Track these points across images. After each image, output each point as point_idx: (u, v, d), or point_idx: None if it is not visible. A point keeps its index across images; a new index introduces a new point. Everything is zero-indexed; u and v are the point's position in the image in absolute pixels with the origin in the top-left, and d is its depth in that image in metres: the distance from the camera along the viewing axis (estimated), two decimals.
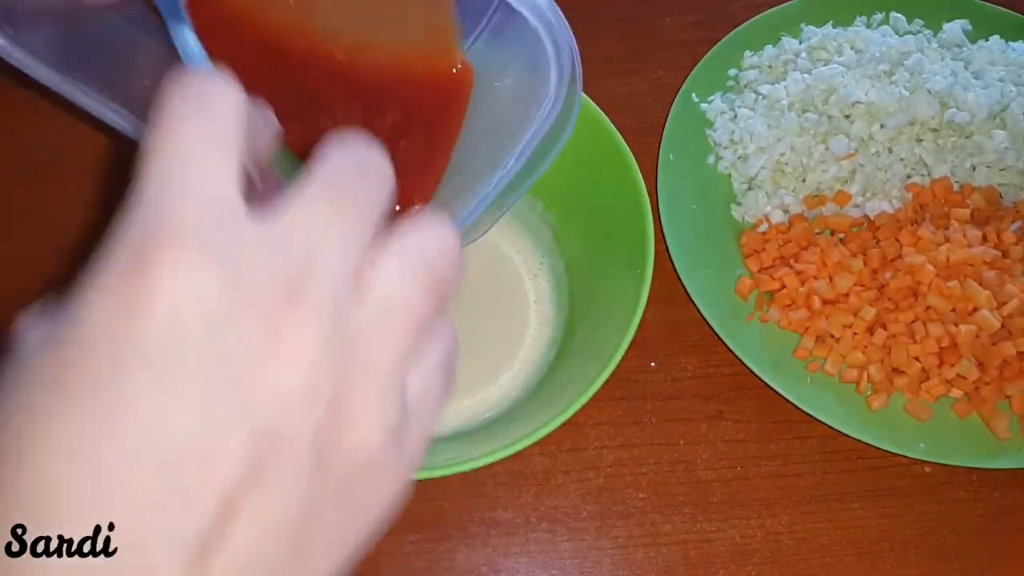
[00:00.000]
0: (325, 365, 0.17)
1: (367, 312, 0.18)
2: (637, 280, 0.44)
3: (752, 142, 0.56)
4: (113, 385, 0.16)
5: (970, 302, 0.49)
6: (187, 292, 0.16)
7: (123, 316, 0.16)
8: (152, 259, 0.16)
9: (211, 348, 0.16)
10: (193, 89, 0.19)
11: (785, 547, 0.47)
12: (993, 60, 0.59)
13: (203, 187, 0.17)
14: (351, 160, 0.20)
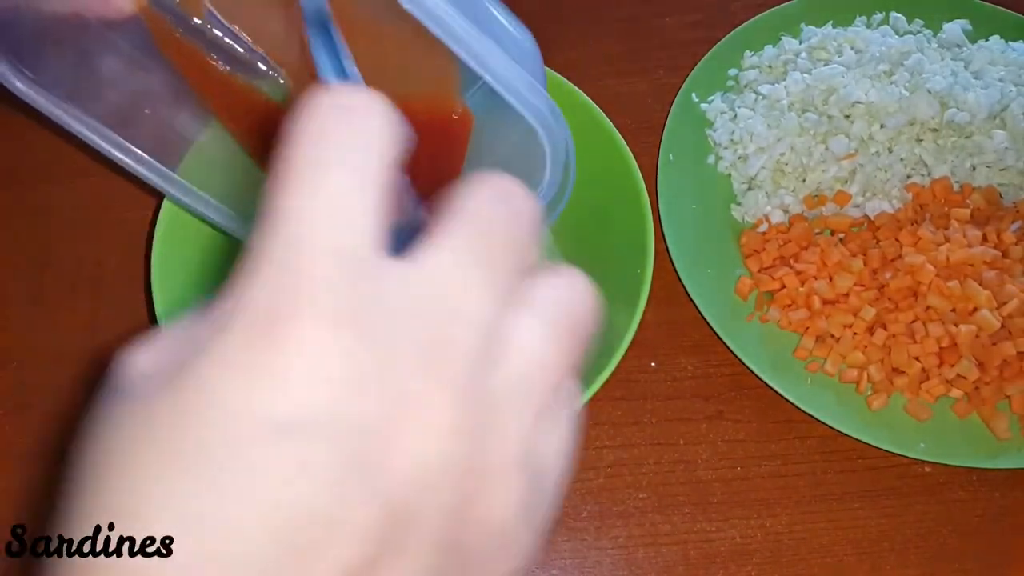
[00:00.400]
0: (461, 437, 0.16)
1: (506, 377, 0.17)
2: (637, 280, 0.44)
3: (752, 142, 0.56)
4: (238, 455, 0.15)
5: (970, 302, 0.49)
6: (319, 366, 0.15)
7: (250, 387, 0.15)
8: (282, 332, 0.15)
9: (342, 421, 0.15)
10: (336, 109, 0.16)
11: (785, 547, 0.47)
12: (993, 60, 0.59)
13: (341, 241, 0.16)
14: (500, 203, 0.18)
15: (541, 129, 0.33)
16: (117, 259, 0.57)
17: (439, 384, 0.16)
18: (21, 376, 0.53)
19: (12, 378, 0.53)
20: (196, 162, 0.43)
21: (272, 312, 0.15)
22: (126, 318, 0.54)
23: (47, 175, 0.60)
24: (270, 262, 0.16)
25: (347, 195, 0.16)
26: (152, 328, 0.31)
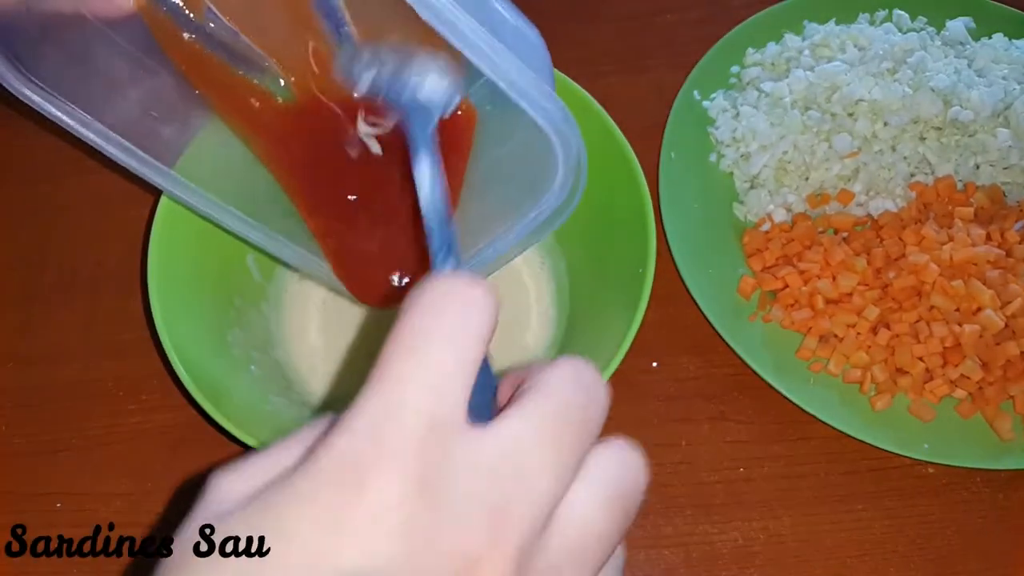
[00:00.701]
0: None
1: (562, 546, 0.18)
2: (639, 279, 0.44)
3: (755, 140, 0.56)
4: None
5: (974, 302, 0.48)
6: (391, 520, 0.16)
7: (322, 532, 0.16)
8: (363, 483, 0.17)
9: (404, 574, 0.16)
10: (452, 294, 0.19)
11: (788, 549, 0.47)
12: (997, 58, 0.58)
13: (436, 409, 0.17)
14: (578, 386, 0.20)
15: (554, 135, 0.33)
16: (116, 259, 0.56)
17: (499, 549, 0.17)
18: (21, 376, 0.53)
19: (12, 378, 0.53)
20: (197, 159, 0.43)
21: (358, 463, 0.17)
22: (125, 318, 0.54)
23: (46, 175, 0.60)
24: (368, 417, 0.17)
25: (448, 370, 0.18)
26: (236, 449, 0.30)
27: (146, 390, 0.52)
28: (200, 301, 0.46)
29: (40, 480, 0.49)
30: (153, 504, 0.48)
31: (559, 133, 0.33)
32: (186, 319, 0.44)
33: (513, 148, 0.39)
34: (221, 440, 0.47)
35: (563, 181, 0.35)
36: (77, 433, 0.51)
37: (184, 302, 0.45)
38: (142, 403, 0.51)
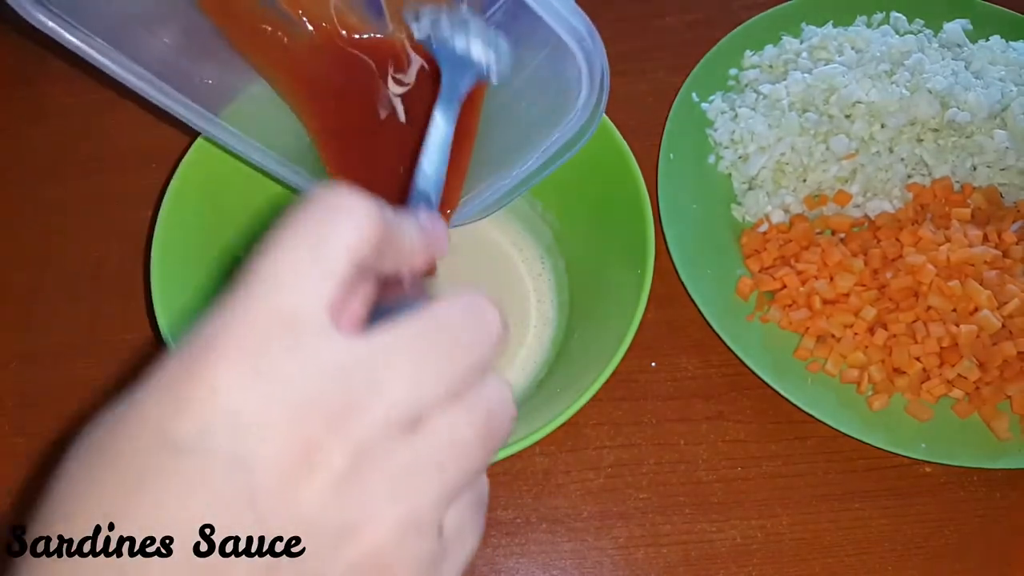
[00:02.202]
0: (347, 488, 0.18)
1: (420, 453, 0.19)
2: (637, 280, 0.44)
3: (753, 142, 0.56)
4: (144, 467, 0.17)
5: (971, 302, 0.49)
6: (225, 404, 0.17)
7: (167, 411, 0.17)
8: (204, 368, 0.17)
9: (237, 457, 0.17)
10: (320, 207, 0.19)
11: (786, 547, 0.47)
12: (994, 60, 0.59)
13: (286, 303, 0.18)
14: (465, 312, 0.20)
15: (579, 51, 0.33)
16: (117, 259, 0.57)
17: (339, 439, 0.17)
18: (21, 376, 0.53)
19: (12, 378, 0.53)
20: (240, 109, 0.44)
21: (203, 350, 0.18)
22: (126, 318, 0.54)
23: (47, 175, 0.61)
24: (222, 310, 0.18)
25: (305, 270, 0.18)
26: None
27: None
28: (204, 301, 0.47)
29: (41, 480, 0.50)
30: None
31: (584, 48, 0.33)
32: (189, 318, 0.44)
33: (535, 69, 0.39)
34: None
35: (587, 98, 0.35)
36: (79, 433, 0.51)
37: (187, 302, 0.45)
38: None
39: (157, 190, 0.57)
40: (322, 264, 0.19)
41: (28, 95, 0.64)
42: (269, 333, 0.18)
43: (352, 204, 0.20)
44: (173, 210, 0.46)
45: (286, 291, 0.18)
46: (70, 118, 0.63)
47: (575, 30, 0.32)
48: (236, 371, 0.17)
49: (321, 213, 0.19)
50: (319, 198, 0.20)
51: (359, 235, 0.19)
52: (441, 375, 0.19)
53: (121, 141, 0.61)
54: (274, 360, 0.18)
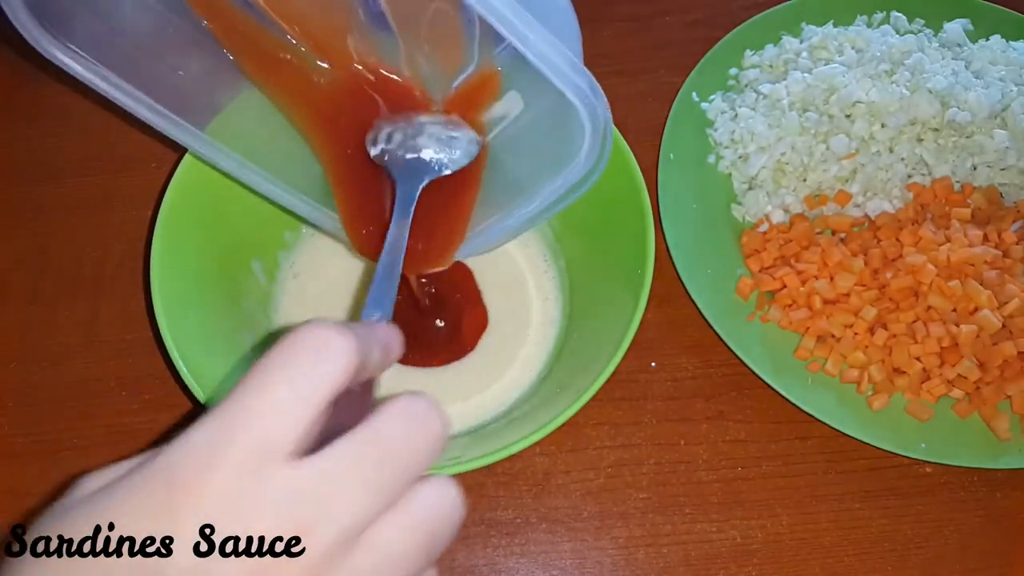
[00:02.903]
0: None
1: (362, 566, 0.20)
2: (637, 280, 0.44)
3: (753, 141, 0.56)
4: None
5: (971, 302, 0.49)
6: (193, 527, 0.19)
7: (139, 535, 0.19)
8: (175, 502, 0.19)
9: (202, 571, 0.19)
10: (305, 345, 0.21)
11: (786, 547, 0.47)
12: (994, 59, 0.58)
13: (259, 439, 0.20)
14: (403, 421, 0.22)
15: (582, 107, 0.33)
16: (117, 259, 0.57)
17: (292, 566, 0.19)
18: (21, 376, 0.53)
19: (12, 378, 0.53)
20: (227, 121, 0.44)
21: (183, 475, 0.19)
22: (126, 318, 0.54)
23: (47, 175, 0.61)
24: (203, 436, 0.20)
25: (284, 407, 0.20)
26: None
27: (149, 390, 0.52)
28: (204, 301, 0.47)
29: (42, 480, 0.50)
30: None
31: (586, 104, 0.33)
32: (189, 319, 0.44)
33: (537, 115, 0.40)
34: None
35: (590, 149, 0.36)
36: (79, 433, 0.51)
37: (187, 302, 0.45)
38: (145, 403, 0.52)
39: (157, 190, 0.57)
40: (301, 402, 0.20)
41: (27, 95, 0.64)
42: (242, 468, 0.19)
43: (334, 344, 0.21)
44: (173, 210, 0.46)
45: (263, 426, 0.20)
46: (70, 118, 0.63)
47: (578, 88, 0.33)
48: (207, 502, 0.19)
49: (305, 352, 0.21)
50: (304, 336, 0.21)
51: (336, 373, 0.21)
52: (380, 491, 0.21)
53: (121, 141, 0.61)
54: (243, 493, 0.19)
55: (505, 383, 0.50)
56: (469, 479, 0.49)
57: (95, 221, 0.58)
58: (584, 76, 0.33)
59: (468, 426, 0.49)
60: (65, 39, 0.36)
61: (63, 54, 0.36)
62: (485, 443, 0.43)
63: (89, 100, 0.63)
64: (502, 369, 0.51)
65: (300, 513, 0.20)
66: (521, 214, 0.42)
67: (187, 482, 0.19)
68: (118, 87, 0.38)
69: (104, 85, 0.38)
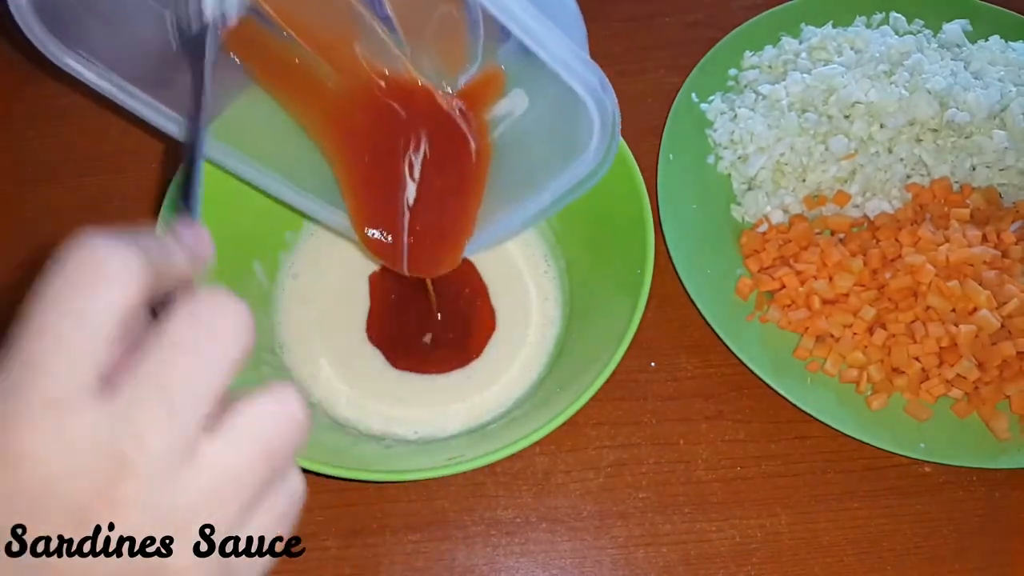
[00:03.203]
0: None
1: (197, 484, 0.20)
2: (637, 280, 0.44)
3: (752, 142, 0.56)
4: None
5: (970, 302, 0.49)
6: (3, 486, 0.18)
7: None
8: None
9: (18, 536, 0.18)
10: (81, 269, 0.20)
11: (785, 547, 0.47)
12: (993, 60, 0.59)
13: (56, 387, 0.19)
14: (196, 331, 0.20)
15: (591, 101, 0.33)
16: None
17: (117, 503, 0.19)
18: None
19: None
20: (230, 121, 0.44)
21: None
22: None
23: (48, 175, 0.61)
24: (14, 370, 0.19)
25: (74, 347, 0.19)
26: None
27: None
28: None
29: None
30: None
31: (596, 99, 0.33)
32: None
33: (542, 111, 0.40)
34: None
35: (598, 144, 0.36)
36: None
37: None
38: None
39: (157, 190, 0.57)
40: (89, 335, 0.19)
41: (27, 95, 0.64)
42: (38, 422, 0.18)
43: (113, 264, 0.20)
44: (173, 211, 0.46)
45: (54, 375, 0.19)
46: (69, 118, 0.63)
47: (587, 82, 0.33)
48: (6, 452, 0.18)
49: (83, 277, 0.20)
50: (79, 257, 0.20)
51: (123, 294, 0.20)
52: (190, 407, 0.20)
53: (121, 141, 0.61)
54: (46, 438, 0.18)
55: (505, 383, 0.50)
56: (469, 479, 0.49)
57: (95, 221, 0.58)
58: (594, 71, 0.33)
59: (468, 426, 0.49)
60: (75, 46, 0.36)
61: (75, 61, 0.36)
62: (485, 443, 0.43)
63: (89, 100, 0.63)
64: (502, 370, 0.51)
65: (112, 453, 0.19)
66: (528, 209, 0.42)
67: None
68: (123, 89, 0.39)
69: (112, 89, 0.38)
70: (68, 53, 0.37)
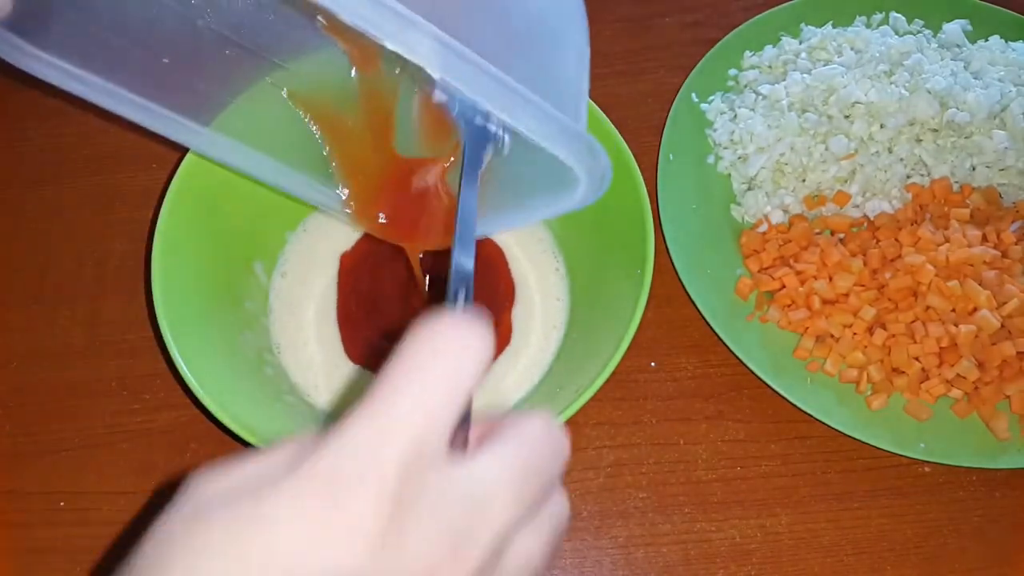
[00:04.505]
0: None
1: (508, 568, 0.21)
2: (637, 280, 0.44)
3: (752, 142, 0.56)
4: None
5: (970, 302, 0.49)
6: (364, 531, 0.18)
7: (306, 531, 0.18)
8: (346, 496, 0.19)
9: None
10: (453, 328, 0.21)
11: (785, 547, 0.47)
12: (993, 60, 0.59)
13: (419, 440, 0.20)
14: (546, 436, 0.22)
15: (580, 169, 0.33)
16: (119, 259, 0.57)
17: (458, 565, 0.20)
18: (24, 376, 0.53)
19: (12, 378, 0.53)
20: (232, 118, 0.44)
21: (345, 478, 0.19)
22: (127, 318, 0.54)
23: (48, 175, 0.61)
24: (359, 437, 0.19)
25: (439, 405, 0.20)
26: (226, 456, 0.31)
27: (149, 390, 0.52)
28: (205, 301, 0.47)
29: (43, 479, 0.50)
30: (156, 503, 0.49)
31: (585, 168, 0.33)
32: (190, 319, 0.45)
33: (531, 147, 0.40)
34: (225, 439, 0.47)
35: (584, 196, 0.36)
36: (80, 433, 0.51)
37: (188, 302, 0.45)
38: (145, 403, 0.52)
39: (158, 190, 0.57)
40: (452, 401, 0.20)
41: (28, 95, 0.64)
42: (406, 470, 0.19)
43: (476, 337, 0.21)
44: (173, 210, 0.46)
45: (421, 425, 0.20)
46: (70, 118, 0.63)
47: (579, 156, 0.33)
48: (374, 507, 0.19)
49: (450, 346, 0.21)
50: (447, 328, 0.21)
51: (482, 370, 0.21)
52: (528, 500, 0.21)
53: (121, 141, 0.61)
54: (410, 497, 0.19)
55: (506, 386, 0.50)
56: None
57: (95, 221, 0.58)
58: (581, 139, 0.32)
59: None
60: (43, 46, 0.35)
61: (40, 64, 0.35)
62: None
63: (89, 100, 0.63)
64: (505, 371, 0.51)
65: (462, 516, 0.20)
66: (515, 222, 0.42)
67: (352, 486, 0.19)
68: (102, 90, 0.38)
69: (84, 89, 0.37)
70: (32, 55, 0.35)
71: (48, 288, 0.56)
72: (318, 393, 0.50)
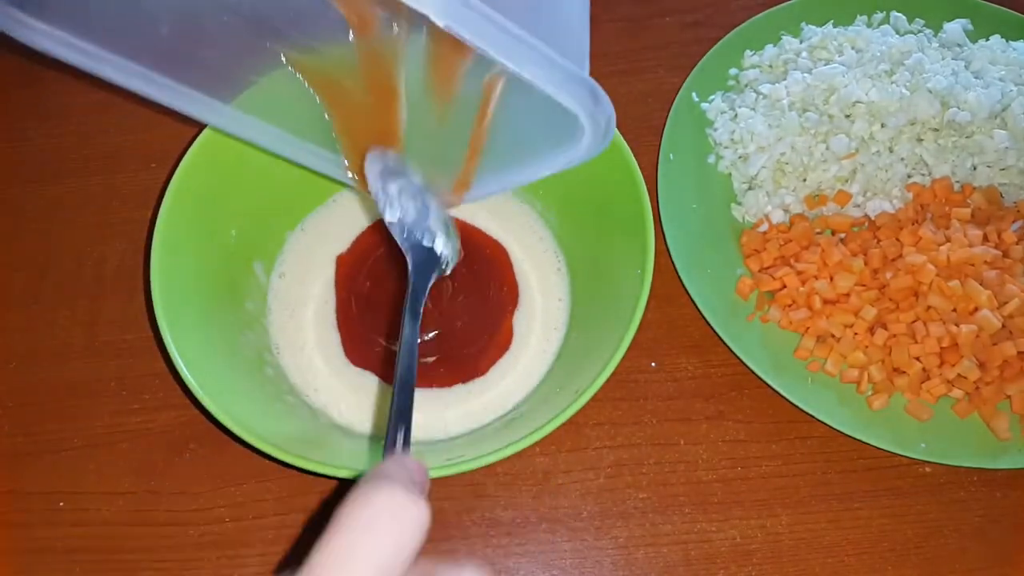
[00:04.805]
0: None
1: None
2: (637, 280, 0.44)
3: (752, 141, 0.56)
4: None
5: (971, 302, 0.49)
6: None
7: None
8: None
9: None
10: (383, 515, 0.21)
11: (785, 547, 0.47)
12: (994, 59, 0.58)
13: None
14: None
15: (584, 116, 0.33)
16: (117, 259, 0.57)
17: None
18: (21, 376, 0.53)
19: (12, 378, 0.53)
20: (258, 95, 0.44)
21: None
22: (126, 318, 0.54)
23: (48, 175, 0.61)
24: None
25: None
26: None
27: (149, 390, 0.52)
28: (205, 302, 0.47)
29: (43, 479, 0.50)
30: (156, 503, 0.49)
31: (588, 114, 0.33)
32: (189, 319, 0.45)
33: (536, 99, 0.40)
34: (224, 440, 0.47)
35: (589, 147, 0.35)
36: (80, 433, 0.51)
37: (187, 302, 0.45)
38: (145, 403, 0.52)
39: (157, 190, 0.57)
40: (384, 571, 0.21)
41: (28, 95, 0.64)
42: None
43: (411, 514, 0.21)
44: (173, 210, 0.46)
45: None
46: (70, 118, 0.63)
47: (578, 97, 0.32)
48: None
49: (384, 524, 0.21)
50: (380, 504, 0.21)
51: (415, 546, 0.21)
52: None
53: (121, 141, 0.61)
54: None
55: (506, 387, 0.50)
56: (469, 479, 0.49)
57: (95, 221, 0.58)
58: (585, 85, 0.33)
59: (468, 427, 0.49)
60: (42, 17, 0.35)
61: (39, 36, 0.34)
62: (485, 443, 0.43)
63: (89, 100, 0.63)
64: (505, 371, 0.51)
65: None
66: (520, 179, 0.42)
67: None
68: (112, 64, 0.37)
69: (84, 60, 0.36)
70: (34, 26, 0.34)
71: (48, 288, 0.56)
72: (317, 394, 0.50)
